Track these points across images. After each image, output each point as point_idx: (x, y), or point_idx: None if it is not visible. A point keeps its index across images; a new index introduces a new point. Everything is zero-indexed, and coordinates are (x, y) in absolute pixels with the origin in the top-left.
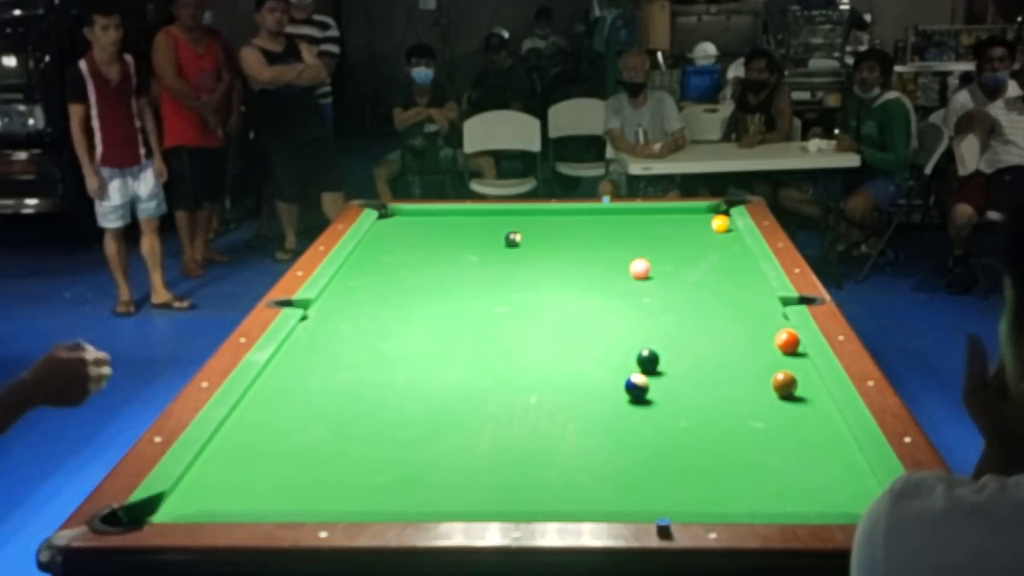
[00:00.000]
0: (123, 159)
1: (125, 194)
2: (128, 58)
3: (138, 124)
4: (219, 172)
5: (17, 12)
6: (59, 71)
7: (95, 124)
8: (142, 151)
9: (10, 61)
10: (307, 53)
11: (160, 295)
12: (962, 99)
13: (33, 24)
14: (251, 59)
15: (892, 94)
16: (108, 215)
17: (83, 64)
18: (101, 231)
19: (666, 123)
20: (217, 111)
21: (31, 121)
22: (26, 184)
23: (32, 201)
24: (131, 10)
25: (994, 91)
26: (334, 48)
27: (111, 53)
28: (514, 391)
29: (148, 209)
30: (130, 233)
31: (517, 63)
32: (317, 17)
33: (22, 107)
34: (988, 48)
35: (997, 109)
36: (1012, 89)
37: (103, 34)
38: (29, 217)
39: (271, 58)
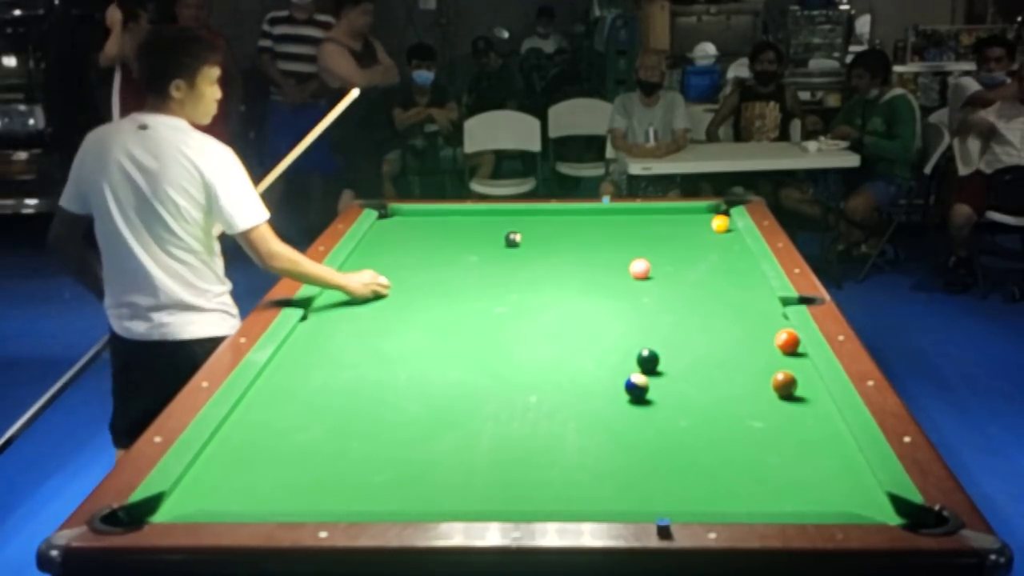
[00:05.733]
0: None
1: None
2: None
3: None
4: None
5: (17, 12)
6: (59, 71)
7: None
8: None
9: (10, 61)
10: (382, 52)
11: None
12: (966, 82)
13: (33, 24)
14: (343, 61)
15: (897, 91)
16: None
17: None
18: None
19: (674, 122)
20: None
21: (31, 121)
22: (26, 184)
23: (32, 201)
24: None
25: (992, 91)
26: None
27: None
28: (514, 390)
29: None
30: None
31: (508, 63)
32: (319, 17)
33: (22, 107)
34: (987, 48)
35: (992, 113)
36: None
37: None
38: (29, 217)
39: (355, 58)
